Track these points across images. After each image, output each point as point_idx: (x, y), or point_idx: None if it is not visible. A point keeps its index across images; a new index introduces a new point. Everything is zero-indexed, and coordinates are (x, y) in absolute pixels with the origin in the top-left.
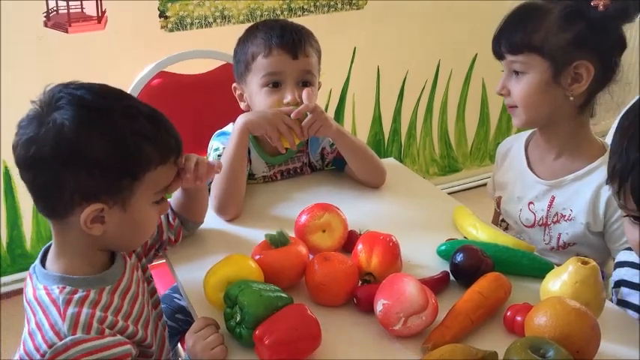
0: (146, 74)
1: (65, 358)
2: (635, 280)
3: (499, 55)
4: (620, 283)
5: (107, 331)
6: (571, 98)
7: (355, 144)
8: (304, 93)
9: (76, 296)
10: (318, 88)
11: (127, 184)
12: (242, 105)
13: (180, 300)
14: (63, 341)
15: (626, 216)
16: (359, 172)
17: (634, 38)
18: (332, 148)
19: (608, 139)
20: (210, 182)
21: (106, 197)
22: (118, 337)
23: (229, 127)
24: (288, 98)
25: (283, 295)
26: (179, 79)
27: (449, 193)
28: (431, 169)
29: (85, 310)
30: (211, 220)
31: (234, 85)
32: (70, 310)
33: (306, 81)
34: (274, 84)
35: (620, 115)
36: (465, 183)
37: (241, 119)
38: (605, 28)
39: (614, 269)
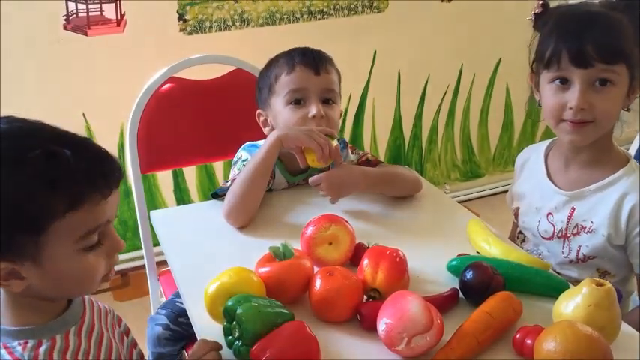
0: (156, 80)
1: None
2: None
3: (584, 63)
4: None
5: None
6: (630, 109)
7: (383, 178)
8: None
9: (42, 349)
10: (340, 115)
11: (28, 240)
12: (265, 131)
13: (182, 303)
14: None
15: None
16: (393, 195)
17: None
18: (352, 164)
19: (632, 150)
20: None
21: (10, 255)
22: None
23: (261, 141)
24: (313, 112)
25: (283, 310)
26: (190, 84)
27: (471, 200)
28: (452, 175)
29: None
30: (218, 227)
31: (258, 111)
32: None
33: (328, 98)
34: (297, 101)
35: None
36: (487, 189)
37: (275, 133)
38: None
39: None
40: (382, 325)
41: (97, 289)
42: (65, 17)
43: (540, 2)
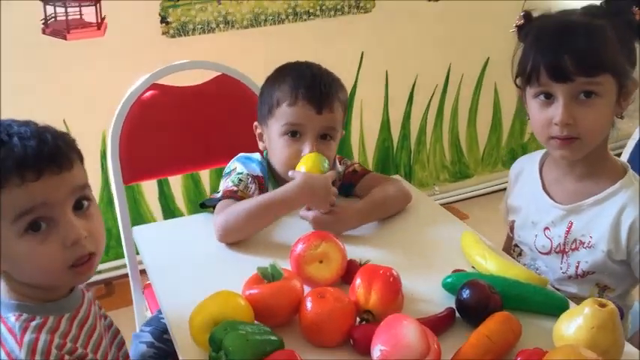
0: (138, 87)
1: None
2: None
3: (563, 77)
4: None
5: (67, 357)
6: (623, 117)
7: (374, 209)
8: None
9: (34, 323)
10: (341, 137)
11: None
12: (260, 145)
13: None
14: None
15: None
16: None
17: None
18: (339, 175)
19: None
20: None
21: None
22: None
23: (257, 155)
24: (305, 151)
25: (272, 337)
26: (173, 91)
27: (460, 200)
28: (441, 176)
29: (43, 337)
30: (203, 244)
31: (255, 123)
32: (27, 337)
33: (326, 134)
34: (293, 133)
35: None
36: (476, 190)
37: (304, 190)
38: None
39: None
40: (377, 352)
41: (78, 282)
42: (43, 21)
43: (522, 13)
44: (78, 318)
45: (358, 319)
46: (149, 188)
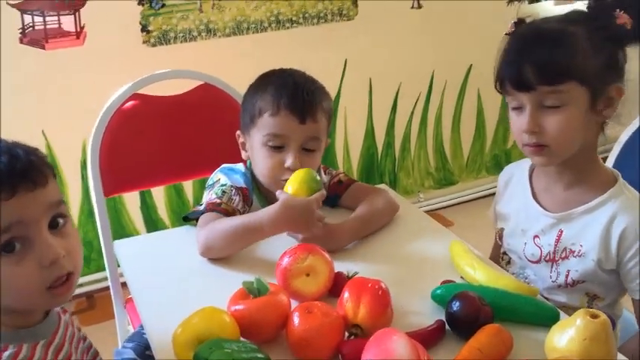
0: (119, 97)
1: None
2: None
3: (525, 87)
4: None
5: None
6: (607, 123)
7: (362, 225)
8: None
9: (6, 354)
10: (327, 145)
11: None
12: (244, 155)
13: None
14: None
15: None
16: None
17: None
18: (324, 186)
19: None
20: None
21: None
22: None
23: (240, 166)
24: (288, 163)
25: (259, 355)
26: (154, 100)
27: (445, 207)
28: (426, 183)
29: None
30: (187, 258)
31: (237, 132)
32: None
33: (309, 148)
34: (276, 145)
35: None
36: (461, 196)
37: (285, 216)
38: (633, 45)
39: None
40: None
41: (56, 305)
42: (21, 30)
43: (514, 21)
44: (54, 344)
45: (347, 334)
46: (131, 198)
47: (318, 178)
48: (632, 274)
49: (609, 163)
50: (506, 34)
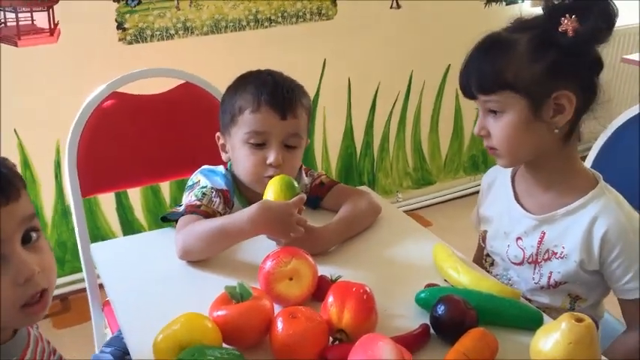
0: (97, 95)
1: None
2: None
3: (470, 95)
4: None
5: None
6: (556, 131)
7: (346, 228)
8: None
9: None
10: (306, 145)
11: None
12: (224, 156)
13: None
14: None
15: None
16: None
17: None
18: (305, 187)
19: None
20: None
21: None
22: None
23: (221, 168)
24: (271, 159)
25: None
26: (134, 99)
27: (423, 207)
28: (404, 183)
29: None
30: (167, 261)
31: (217, 134)
32: None
33: (290, 144)
34: (257, 142)
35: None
36: (439, 196)
37: (263, 218)
38: (579, 53)
39: None
40: None
41: (30, 323)
42: None
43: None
44: None
45: (331, 339)
46: (106, 199)
47: (297, 184)
48: (617, 275)
49: (588, 162)
50: None
